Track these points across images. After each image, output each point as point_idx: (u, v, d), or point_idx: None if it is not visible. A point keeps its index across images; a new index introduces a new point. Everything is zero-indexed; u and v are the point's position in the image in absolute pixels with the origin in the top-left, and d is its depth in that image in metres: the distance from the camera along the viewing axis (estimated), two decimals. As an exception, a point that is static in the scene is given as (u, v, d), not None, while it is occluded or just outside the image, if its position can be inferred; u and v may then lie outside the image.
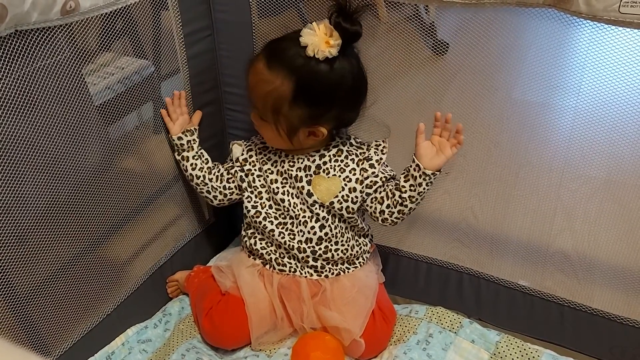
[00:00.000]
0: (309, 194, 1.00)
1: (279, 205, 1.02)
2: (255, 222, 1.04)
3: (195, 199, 1.19)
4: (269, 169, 1.03)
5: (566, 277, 1.10)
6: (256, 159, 1.05)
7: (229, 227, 1.29)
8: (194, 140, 1.08)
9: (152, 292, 1.12)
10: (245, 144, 1.07)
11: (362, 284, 1.04)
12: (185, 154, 1.07)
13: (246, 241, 1.08)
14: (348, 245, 1.04)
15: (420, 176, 0.94)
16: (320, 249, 1.02)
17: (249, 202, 1.05)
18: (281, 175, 1.02)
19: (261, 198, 1.04)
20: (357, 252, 1.05)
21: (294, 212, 1.01)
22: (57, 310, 0.91)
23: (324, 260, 1.03)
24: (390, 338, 1.06)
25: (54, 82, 0.81)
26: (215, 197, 1.09)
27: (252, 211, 1.04)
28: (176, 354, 0.99)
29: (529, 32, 1.02)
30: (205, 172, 1.08)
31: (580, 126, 1.10)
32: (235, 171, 1.06)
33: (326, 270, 1.04)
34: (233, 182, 1.07)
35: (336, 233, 1.02)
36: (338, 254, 1.03)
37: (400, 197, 0.97)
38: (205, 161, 1.09)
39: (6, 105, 0.74)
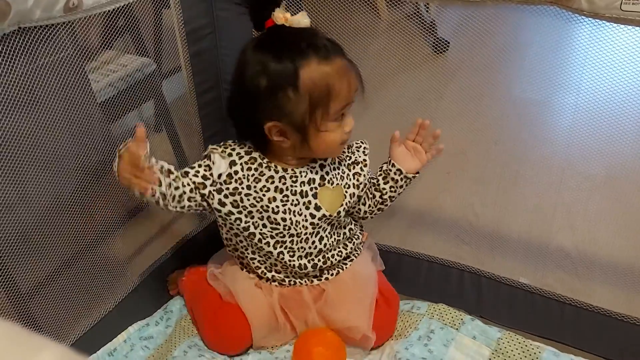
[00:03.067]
0: (317, 208, 0.95)
1: (276, 224, 0.94)
2: (250, 243, 0.97)
3: (197, 196, 1.19)
4: (264, 186, 0.92)
5: (566, 275, 1.10)
6: (243, 175, 0.92)
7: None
8: (164, 171, 0.89)
9: (153, 290, 1.12)
10: (226, 155, 0.92)
11: (361, 278, 1.03)
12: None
13: (238, 256, 1.02)
14: (343, 247, 1.03)
15: (401, 179, 0.98)
16: (319, 259, 0.99)
17: (238, 224, 0.94)
18: (281, 193, 0.93)
19: (252, 217, 0.94)
20: (351, 248, 1.04)
21: (296, 230, 0.95)
22: (59, 308, 0.91)
23: (323, 269, 1.01)
24: (395, 325, 1.05)
25: (56, 79, 0.81)
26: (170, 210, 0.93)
27: (245, 233, 0.95)
28: (178, 351, 1.00)
29: (529, 30, 1.03)
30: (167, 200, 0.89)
31: (580, 124, 1.10)
32: (210, 192, 0.92)
33: (326, 273, 1.02)
34: (194, 201, 0.93)
35: (332, 242, 1.00)
36: (335, 258, 1.01)
37: (381, 197, 1.00)
38: (167, 186, 0.89)
39: (9, 103, 0.74)
